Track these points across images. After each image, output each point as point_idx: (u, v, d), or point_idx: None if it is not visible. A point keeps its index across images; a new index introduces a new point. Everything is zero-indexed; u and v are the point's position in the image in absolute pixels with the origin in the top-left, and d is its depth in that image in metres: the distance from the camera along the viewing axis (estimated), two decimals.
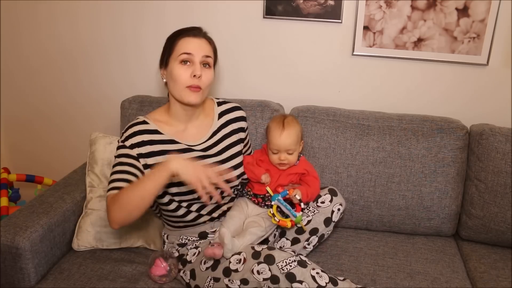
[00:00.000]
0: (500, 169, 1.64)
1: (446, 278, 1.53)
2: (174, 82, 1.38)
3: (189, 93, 1.38)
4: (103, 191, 1.67)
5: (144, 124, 1.43)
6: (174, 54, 1.39)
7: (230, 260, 1.35)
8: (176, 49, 1.38)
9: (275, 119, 1.61)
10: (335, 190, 1.58)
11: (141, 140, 1.39)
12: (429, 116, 1.79)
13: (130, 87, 2.07)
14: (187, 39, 1.39)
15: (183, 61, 1.37)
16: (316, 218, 1.54)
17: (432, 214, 1.72)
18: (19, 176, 2.16)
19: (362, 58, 1.89)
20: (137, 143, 1.38)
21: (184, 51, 1.37)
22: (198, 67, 1.37)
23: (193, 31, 1.41)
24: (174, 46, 1.39)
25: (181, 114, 1.46)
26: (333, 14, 1.83)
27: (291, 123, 1.58)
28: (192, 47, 1.38)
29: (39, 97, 2.20)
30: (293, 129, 1.57)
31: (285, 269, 1.26)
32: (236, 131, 1.57)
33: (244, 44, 1.95)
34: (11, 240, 1.40)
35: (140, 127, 1.41)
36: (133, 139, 1.39)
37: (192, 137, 1.48)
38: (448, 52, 1.81)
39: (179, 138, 1.46)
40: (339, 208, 1.56)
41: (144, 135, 1.40)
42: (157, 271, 1.44)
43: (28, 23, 2.07)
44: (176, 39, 1.40)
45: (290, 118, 1.62)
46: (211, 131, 1.52)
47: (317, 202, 1.56)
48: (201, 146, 1.48)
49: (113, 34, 2.02)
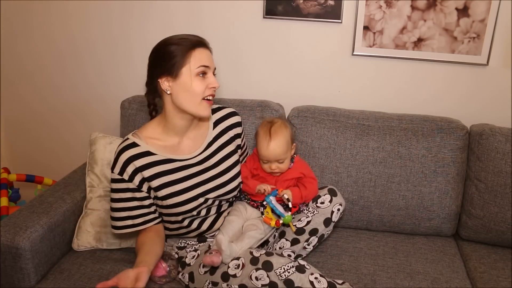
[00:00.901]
0: (500, 169, 1.64)
1: (446, 278, 1.53)
2: (190, 95, 1.33)
3: (205, 106, 1.36)
4: (103, 191, 1.67)
5: (134, 148, 1.37)
6: (189, 66, 1.31)
7: (229, 265, 1.34)
8: (193, 61, 1.32)
9: (262, 127, 1.54)
10: (334, 190, 1.56)
11: (134, 168, 1.35)
12: (429, 116, 1.79)
13: (130, 87, 2.07)
14: (202, 50, 1.34)
15: (200, 74, 1.33)
16: (315, 219, 1.52)
17: (432, 214, 1.72)
18: (19, 176, 2.16)
19: (362, 58, 1.89)
20: (133, 171, 1.35)
21: (203, 63, 1.32)
22: (214, 79, 1.35)
23: (202, 41, 1.36)
24: (188, 58, 1.31)
25: (179, 127, 1.41)
26: (333, 14, 1.83)
27: (278, 130, 1.51)
28: (207, 59, 1.35)
29: (39, 97, 2.20)
30: (281, 137, 1.50)
31: (283, 276, 1.26)
32: (233, 138, 1.55)
33: (244, 44, 1.95)
34: (11, 240, 1.40)
35: (131, 153, 1.36)
36: (128, 169, 1.35)
37: (188, 149, 1.45)
38: (448, 52, 1.81)
39: (174, 153, 1.42)
40: (338, 208, 1.54)
41: (137, 161, 1.36)
42: (157, 271, 1.44)
43: (27, 24, 2.07)
44: (189, 50, 1.32)
45: (277, 124, 1.53)
46: (206, 142, 1.49)
47: (316, 202, 1.54)
48: (197, 159, 1.45)
49: (115, 34, 2.02)
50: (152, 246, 1.37)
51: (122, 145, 1.38)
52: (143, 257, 1.31)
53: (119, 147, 1.38)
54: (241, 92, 2.00)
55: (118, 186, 1.39)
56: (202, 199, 1.43)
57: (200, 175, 1.44)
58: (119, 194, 1.39)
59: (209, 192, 1.45)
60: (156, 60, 1.36)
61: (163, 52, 1.33)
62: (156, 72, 1.35)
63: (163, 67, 1.33)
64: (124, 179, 1.36)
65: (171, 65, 1.32)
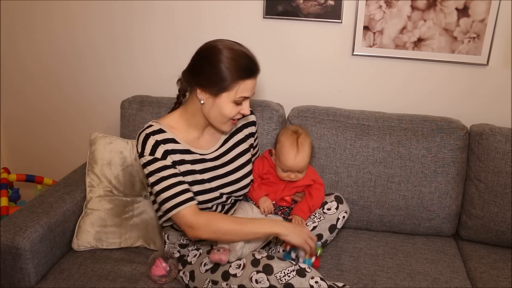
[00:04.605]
0: (500, 169, 1.64)
1: (446, 278, 1.53)
2: (220, 115, 1.34)
3: (229, 125, 1.39)
4: (103, 191, 1.67)
5: (161, 134, 1.36)
6: (231, 93, 1.31)
7: (230, 264, 1.35)
8: (237, 90, 1.30)
9: (288, 137, 1.52)
10: (341, 198, 1.59)
11: (164, 150, 1.34)
12: (429, 116, 1.79)
13: (130, 87, 2.07)
14: (250, 82, 1.32)
15: (238, 102, 1.34)
16: (321, 225, 1.54)
17: (432, 214, 1.72)
18: (19, 176, 2.16)
19: (362, 58, 1.89)
20: (163, 152, 1.34)
21: (244, 95, 1.32)
22: (247, 106, 1.36)
23: (255, 71, 1.34)
24: (234, 86, 1.30)
25: (201, 122, 1.42)
26: (333, 14, 1.83)
27: (305, 142, 1.50)
28: (251, 90, 1.34)
29: (39, 97, 2.20)
30: (308, 149, 1.50)
31: (283, 280, 1.25)
32: (248, 137, 1.57)
33: (244, 44, 1.94)
34: (11, 240, 1.40)
35: (157, 138, 1.34)
36: (159, 150, 1.34)
37: (206, 144, 1.46)
38: (448, 52, 1.81)
39: (194, 146, 1.43)
40: (344, 216, 1.57)
41: (165, 145, 1.35)
42: (157, 271, 1.44)
43: (27, 24, 2.07)
44: (238, 80, 1.29)
45: (303, 136, 1.52)
46: (223, 138, 1.50)
47: (323, 208, 1.57)
48: (213, 155, 1.46)
49: (114, 34, 2.02)
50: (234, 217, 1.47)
51: (147, 131, 1.35)
52: (255, 221, 1.41)
53: (144, 132, 1.35)
54: None
55: (153, 167, 1.34)
56: (217, 193, 1.44)
57: (216, 169, 1.46)
58: (158, 174, 1.34)
59: (224, 187, 1.46)
60: (202, 69, 1.33)
61: (212, 68, 1.30)
62: (198, 80, 1.33)
63: (206, 81, 1.32)
64: (157, 158, 1.33)
65: (215, 84, 1.30)
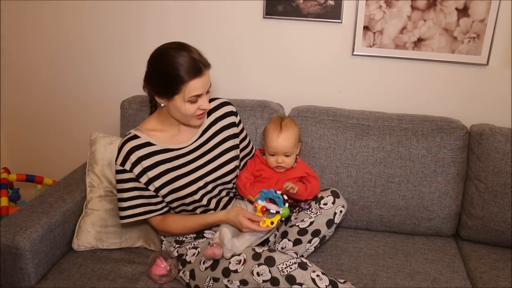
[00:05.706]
0: (500, 169, 1.64)
1: (446, 278, 1.53)
2: (182, 115, 1.40)
3: (196, 120, 1.44)
4: (103, 191, 1.67)
5: (135, 140, 1.44)
6: (182, 95, 1.34)
7: (230, 261, 1.35)
8: (186, 91, 1.34)
9: (273, 121, 1.62)
10: (337, 192, 1.59)
11: (137, 157, 1.43)
12: (429, 116, 1.79)
13: (130, 87, 2.07)
14: (197, 81, 1.34)
15: (192, 101, 1.37)
16: (318, 220, 1.54)
17: (432, 214, 1.72)
18: (19, 176, 2.16)
19: (362, 58, 1.89)
20: (135, 161, 1.42)
21: (195, 94, 1.35)
22: (205, 101, 1.40)
23: (199, 69, 1.34)
24: (180, 89, 1.33)
25: (174, 121, 1.48)
26: (333, 14, 1.83)
27: (289, 125, 1.59)
28: (200, 88, 1.36)
29: (39, 98, 2.20)
30: (291, 131, 1.57)
31: (285, 271, 1.26)
32: (227, 127, 1.58)
33: (244, 44, 1.95)
34: (11, 240, 1.40)
35: (132, 144, 1.43)
36: (131, 159, 1.43)
37: (186, 137, 1.52)
38: (448, 52, 1.81)
39: (173, 143, 1.49)
40: (341, 210, 1.56)
41: (138, 151, 1.43)
42: (157, 271, 1.44)
43: (29, 24, 2.07)
44: (185, 82, 1.33)
45: (288, 120, 1.63)
46: (201, 130, 1.55)
47: (319, 203, 1.56)
48: (193, 146, 1.51)
49: (114, 34, 2.02)
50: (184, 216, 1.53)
51: (124, 138, 1.46)
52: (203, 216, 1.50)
53: (122, 140, 1.46)
54: (241, 92, 2.00)
55: (121, 177, 1.45)
56: (202, 182, 1.48)
57: (197, 160, 1.50)
58: (122, 185, 1.46)
59: (207, 176, 1.49)
60: (150, 76, 1.40)
61: (157, 75, 1.36)
62: (151, 87, 1.41)
63: (157, 88, 1.38)
64: (125, 169, 1.43)
65: (164, 90, 1.36)
